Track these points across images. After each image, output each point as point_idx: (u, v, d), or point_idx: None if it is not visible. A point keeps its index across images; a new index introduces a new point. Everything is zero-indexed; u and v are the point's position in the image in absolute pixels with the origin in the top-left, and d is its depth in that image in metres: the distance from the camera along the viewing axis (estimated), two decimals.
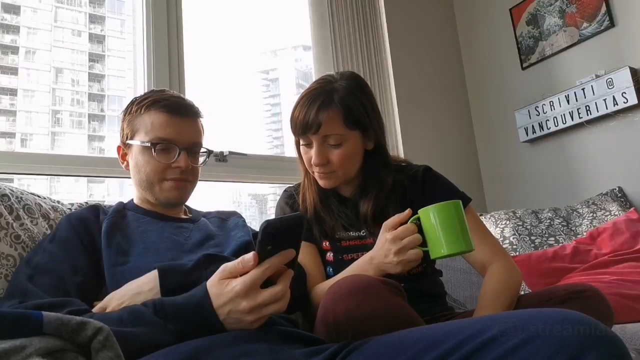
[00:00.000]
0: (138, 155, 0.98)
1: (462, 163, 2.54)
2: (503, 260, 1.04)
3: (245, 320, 0.67)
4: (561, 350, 0.49)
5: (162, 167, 0.97)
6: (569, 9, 2.22)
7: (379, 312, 0.75)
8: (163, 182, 0.98)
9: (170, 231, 0.96)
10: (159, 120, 0.97)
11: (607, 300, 0.93)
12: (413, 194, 1.12)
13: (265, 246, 0.65)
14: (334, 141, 1.05)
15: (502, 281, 1.00)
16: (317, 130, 1.03)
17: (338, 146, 1.05)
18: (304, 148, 1.10)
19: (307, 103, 1.05)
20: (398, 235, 0.86)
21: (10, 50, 3.06)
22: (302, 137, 1.08)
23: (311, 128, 1.03)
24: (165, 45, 1.77)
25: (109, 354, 0.52)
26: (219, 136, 2.21)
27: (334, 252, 1.13)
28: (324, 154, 1.06)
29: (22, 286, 0.78)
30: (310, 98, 1.06)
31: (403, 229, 0.86)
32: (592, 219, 1.89)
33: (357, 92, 1.08)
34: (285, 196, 1.22)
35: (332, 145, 1.06)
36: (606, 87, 2.01)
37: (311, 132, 1.04)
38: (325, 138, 1.05)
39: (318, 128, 1.03)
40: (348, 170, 1.10)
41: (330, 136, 1.05)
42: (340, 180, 1.10)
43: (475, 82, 2.65)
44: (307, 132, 1.05)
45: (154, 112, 0.98)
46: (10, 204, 0.96)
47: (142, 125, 0.98)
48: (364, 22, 2.25)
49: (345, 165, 1.08)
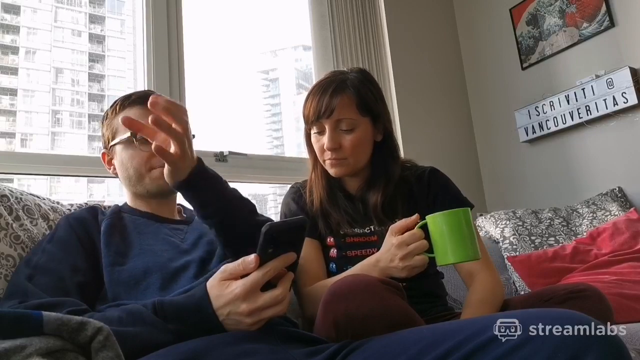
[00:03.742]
0: (122, 154, 1.00)
1: (462, 163, 2.54)
2: (490, 271, 1.06)
3: (245, 322, 0.67)
4: (561, 350, 0.49)
5: (146, 156, 0.98)
6: (569, 9, 2.22)
7: (378, 312, 0.75)
8: (151, 171, 0.99)
9: (166, 232, 0.97)
10: (132, 113, 0.99)
11: (607, 300, 0.93)
12: (419, 192, 1.15)
13: (266, 249, 0.65)
14: (346, 126, 1.08)
15: (490, 291, 1.02)
16: (331, 114, 1.07)
17: (350, 131, 1.09)
18: (316, 136, 1.12)
19: (320, 91, 1.09)
20: (404, 240, 0.86)
21: (10, 50, 3.06)
22: (315, 124, 1.11)
23: (325, 113, 1.07)
24: (165, 45, 1.77)
25: (109, 353, 0.52)
26: (219, 136, 2.21)
27: (337, 249, 1.13)
28: (337, 139, 1.09)
29: (21, 286, 0.77)
30: (323, 86, 1.10)
31: (410, 235, 0.86)
32: (592, 219, 1.89)
33: (367, 82, 1.13)
34: (292, 192, 1.23)
35: (344, 130, 1.09)
36: (606, 87, 2.01)
37: (325, 116, 1.07)
38: (338, 123, 1.08)
39: (332, 112, 1.07)
40: (358, 158, 1.12)
41: (343, 120, 1.08)
42: (350, 168, 1.12)
43: (475, 82, 2.65)
44: (321, 118, 1.08)
45: (128, 108, 1.01)
46: (10, 204, 0.96)
47: (120, 124, 0.99)
48: (364, 22, 2.25)
49: (357, 152, 1.10)
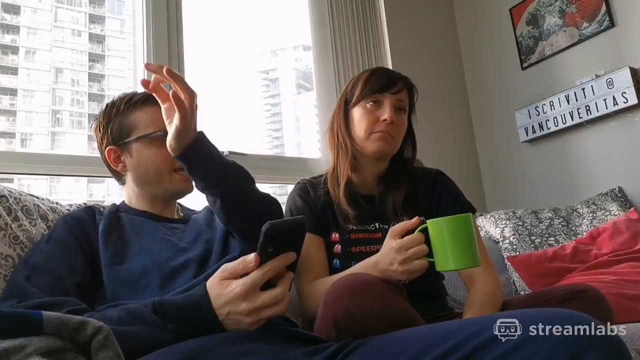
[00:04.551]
0: (142, 151, 0.98)
1: (462, 163, 2.54)
2: (490, 272, 1.07)
3: (244, 322, 0.67)
4: (561, 350, 0.49)
5: (171, 157, 0.96)
6: (569, 9, 2.22)
7: (379, 311, 0.75)
8: (172, 173, 0.99)
9: (164, 232, 0.96)
10: (158, 112, 0.96)
11: (607, 300, 0.93)
12: (423, 192, 1.19)
13: (266, 248, 0.65)
14: (402, 106, 1.16)
15: (490, 293, 1.03)
16: (401, 90, 1.14)
17: (403, 113, 1.17)
18: (370, 107, 1.14)
19: (386, 71, 1.19)
20: (404, 245, 0.85)
21: (10, 50, 3.06)
22: (378, 95, 1.14)
23: (397, 84, 1.14)
24: (165, 45, 1.77)
25: (109, 353, 0.52)
26: (219, 136, 2.21)
27: (342, 244, 1.14)
28: (394, 116, 1.14)
29: (20, 286, 0.77)
30: (388, 70, 1.19)
31: (410, 239, 0.85)
32: (592, 219, 1.89)
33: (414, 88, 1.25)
34: (298, 187, 1.24)
35: (399, 109, 1.16)
36: (606, 87, 2.01)
37: (393, 90, 1.14)
38: (399, 102, 1.15)
39: (401, 88, 1.15)
40: (398, 142, 1.18)
41: (402, 101, 1.16)
42: (392, 147, 1.17)
43: (475, 82, 2.65)
44: (392, 86, 1.14)
45: (151, 107, 0.98)
46: (9, 204, 0.96)
47: (140, 120, 0.98)
48: (364, 22, 2.25)
49: (401, 134, 1.18)
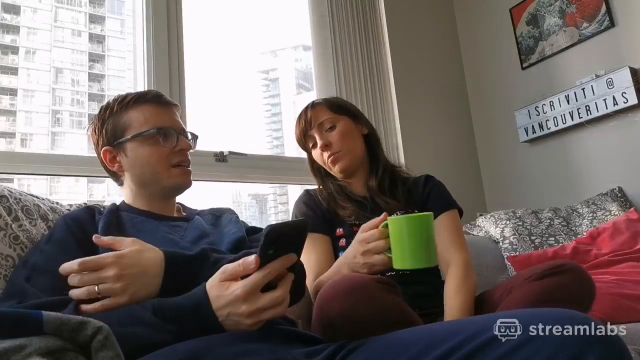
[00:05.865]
0: (137, 150, 0.99)
1: (462, 163, 2.54)
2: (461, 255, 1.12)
3: (244, 323, 0.66)
4: (561, 350, 0.49)
5: (166, 153, 0.98)
6: (569, 9, 2.22)
7: (374, 311, 0.76)
8: (170, 169, 1.00)
9: (165, 230, 0.96)
10: (150, 111, 0.99)
11: (589, 276, 0.93)
12: (415, 193, 1.28)
13: (267, 250, 0.65)
14: (328, 124, 1.27)
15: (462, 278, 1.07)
16: (312, 124, 1.27)
17: (333, 128, 1.27)
18: (314, 151, 1.30)
19: (299, 117, 1.32)
20: (365, 238, 0.87)
21: (10, 50, 3.05)
22: (307, 139, 1.30)
23: (308, 125, 1.28)
24: (165, 45, 1.77)
25: (109, 353, 0.52)
26: (219, 136, 2.21)
27: (346, 238, 1.20)
28: (325, 138, 1.26)
29: (20, 286, 0.77)
30: (299, 114, 1.32)
31: (370, 234, 0.87)
32: (592, 219, 1.89)
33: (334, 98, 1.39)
34: (304, 195, 1.32)
35: (328, 129, 1.27)
36: (606, 87, 2.01)
37: (309, 128, 1.28)
38: (321, 126, 1.27)
39: (312, 122, 1.28)
40: (350, 148, 1.27)
41: (323, 122, 1.27)
42: (348, 160, 1.27)
43: (475, 82, 2.65)
44: (307, 132, 1.29)
45: (143, 106, 1.00)
46: (9, 205, 0.96)
47: (134, 120, 0.99)
48: (364, 22, 2.25)
49: (345, 143, 1.26)
